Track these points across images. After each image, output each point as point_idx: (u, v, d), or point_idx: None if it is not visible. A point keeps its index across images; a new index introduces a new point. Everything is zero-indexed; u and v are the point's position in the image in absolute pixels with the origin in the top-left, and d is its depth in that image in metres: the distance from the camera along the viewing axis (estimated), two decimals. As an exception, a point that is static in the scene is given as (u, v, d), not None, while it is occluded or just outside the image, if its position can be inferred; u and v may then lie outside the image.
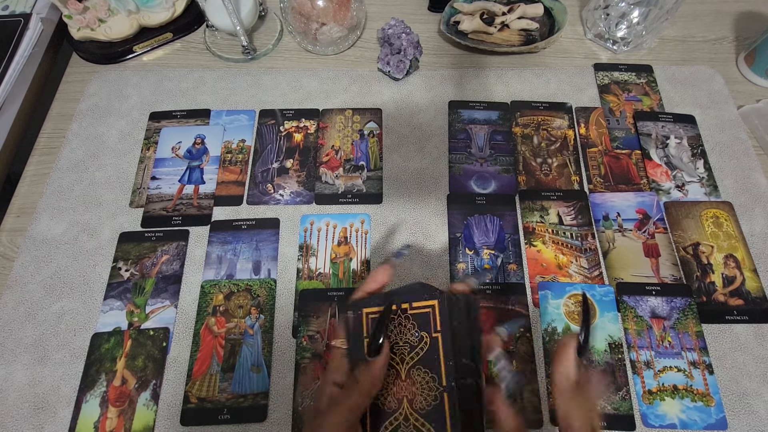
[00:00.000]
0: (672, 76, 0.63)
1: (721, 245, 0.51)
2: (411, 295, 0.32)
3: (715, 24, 0.69)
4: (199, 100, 0.61)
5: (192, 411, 0.43)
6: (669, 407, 0.43)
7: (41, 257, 0.51)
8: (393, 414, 0.30)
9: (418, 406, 0.30)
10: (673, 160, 0.57)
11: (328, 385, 0.31)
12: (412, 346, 0.31)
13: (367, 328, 0.32)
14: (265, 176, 0.56)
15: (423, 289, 0.32)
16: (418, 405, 0.30)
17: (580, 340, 0.31)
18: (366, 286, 0.35)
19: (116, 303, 0.48)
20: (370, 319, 0.32)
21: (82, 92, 0.62)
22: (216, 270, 0.50)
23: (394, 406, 0.31)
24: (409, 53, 0.61)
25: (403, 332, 0.32)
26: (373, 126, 0.59)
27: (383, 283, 0.35)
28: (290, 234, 0.52)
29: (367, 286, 0.35)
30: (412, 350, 0.31)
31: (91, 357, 0.46)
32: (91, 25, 0.62)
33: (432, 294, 0.32)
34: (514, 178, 0.56)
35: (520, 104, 0.61)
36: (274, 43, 0.66)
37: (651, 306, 0.48)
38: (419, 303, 0.32)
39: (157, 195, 0.54)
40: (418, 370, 0.31)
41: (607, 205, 0.54)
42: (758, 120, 0.59)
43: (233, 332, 0.47)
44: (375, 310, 0.32)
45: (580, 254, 0.51)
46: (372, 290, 0.34)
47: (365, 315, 0.32)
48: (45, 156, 0.58)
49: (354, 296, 0.34)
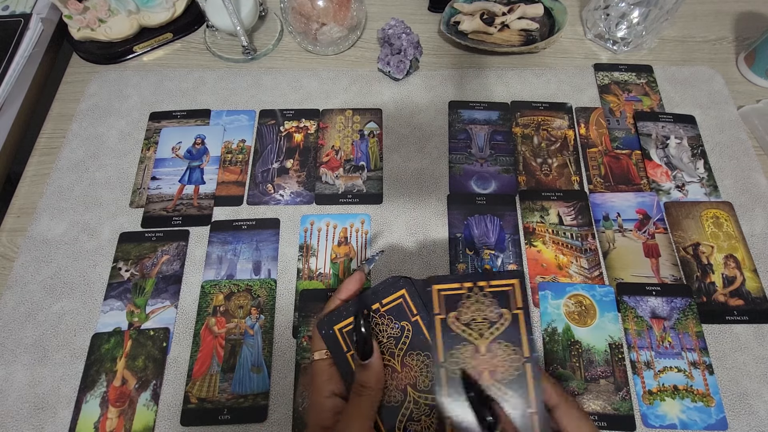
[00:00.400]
0: (672, 77, 0.63)
1: (721, 245, 0.51)
2: (377, 294, 0.33)
3: (715, 24, 0.69)
4: (200, 101, 0.61)
5: (192, 411, 0.43)
6: (669, 407, 0.43)
7: (41, 257, 0.51)
8: (402, 405, 0.32)
9: (422, 386, 0.32)
10: (673, 160, 0.57)
11: (326, 398, 0.31)
12: (397, 338, 0.32)
13: (345, 343, 0.33)
14: (265, 176, 0.56)
15: (386, 283, 0.34)
16: (422, 385, 0.32)
17: None
18: (339, 293, 0.35)
19: (116, 303, 0.48)
20: (344, 333, 0.33)
21: (82, 92, 0.62)
22: (216, 270, 0.50)
23: (400, 398, 0.32)
24: (409, 53, 0.61)
25: (384, 330, 0.33)
26: (373, 126, 0.59)
27: (356, 290, 0.35)
28: (290, 234, 0.52)
29: (340, 293, 0.35)
30: (398, 342, 0.32)
31: (91, 357, 0.46)
32: (91, 25, 0.62)
33: (396, 285, 0.33)
34: (514, 178, 0.56)
35: (520, 104, 0.61)
36: (274, 44, 0.66)
37: (651, 306, 0.48)
38: (389, 298, 0.33)
39: (158, 195, 0.54)
40: (411, 356, 0.32)
41: (607, 206, 0.54)
42: (758, 120, 0.59)
43: (233, 332, 0.47)
44: (345, 323, 0.33)
45: (580, 254, 0.51)
46: (345, 298, 0.35)
47: (337, 331, 0.33)
48: (45, 156, 0.58)
49: (325, 310, 0.35)
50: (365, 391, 0.30)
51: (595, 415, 0.43)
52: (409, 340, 0.32)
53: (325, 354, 0.33)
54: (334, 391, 0.32)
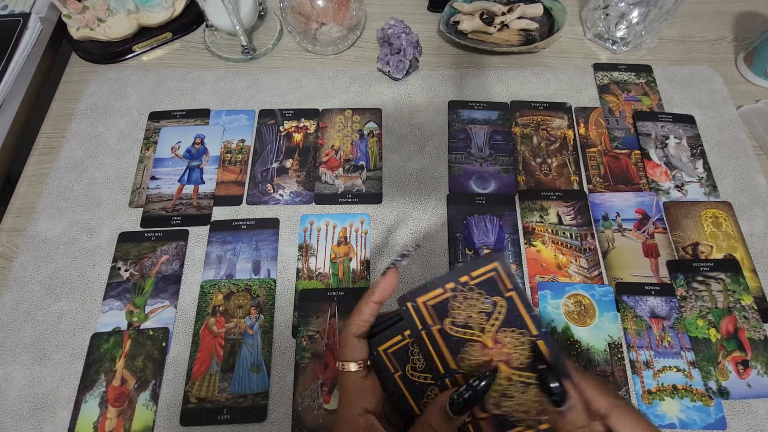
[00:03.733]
0: (671, 76, 0.63)
1: (720, 245, 0.51)
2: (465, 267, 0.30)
3: (714, 24, 0.69)
4: (199, 100, 0.61)
5: (191, 411, 0.43)
6: (668, 407, 0.43)
7: (40, 257, 0.51)
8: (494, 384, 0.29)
9: (516, 363, 0.30)
10: (672, 160, 0.57)
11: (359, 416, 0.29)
12: (489, 313, 0.30)
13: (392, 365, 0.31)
14: (264, 176, 0.56)
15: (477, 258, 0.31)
16: (516, 362, 0.30)
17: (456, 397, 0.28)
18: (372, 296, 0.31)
19: (116, 303, 0.48)
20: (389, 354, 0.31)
21: (81, 92, 0.62)
22: (216, 270, 0.50)
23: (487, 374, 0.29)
24: (408, 53, 0.61)
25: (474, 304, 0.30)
26: (372, 126, 0.59)
27: (391, 291, 0.32)
28: (290, 234, 0.52)
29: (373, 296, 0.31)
30: (489, 317, 0.30)
31: (91, 357, 0.45)
32: (90, 24, 0.62)
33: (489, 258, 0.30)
34: (513, 178, 0.56)
35: (520, 104, 0.61)
36: (274, 43, 0.66)
37: (650, 306, 0.48)
38: (479, 270, 0.30)
39: (157, 195, 0.54)
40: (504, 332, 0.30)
41: (606, 205, 0.54)
42: (757, 120, 0.59)
43: (233, 332, 0.47)
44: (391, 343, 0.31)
45: (579, 254, 0.51)
46: (378, 300, 0.31)
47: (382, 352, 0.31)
48: (44, 156, 0.58)
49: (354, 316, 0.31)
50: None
51: (594, 415, 0.43)
52: (502, 315, 0.30)
53: (358, 366, 0.30)
54: (367, 408, 0.29)
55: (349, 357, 0.30)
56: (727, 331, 0.46)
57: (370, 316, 0.31)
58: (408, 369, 0.31)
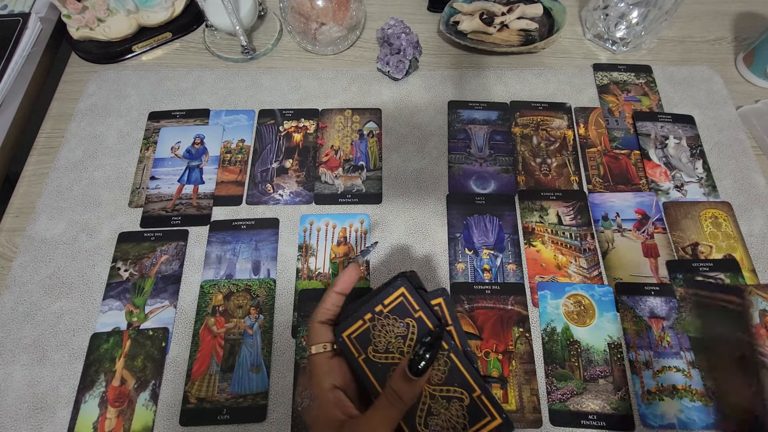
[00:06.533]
0: (671, 77, 0.63)
1: (720, 245, 0.51)
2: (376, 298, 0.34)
3: (714, 24, 0.70)
4: (199, 100, 0.61)
5: (191, 411, 0.43)
6: (668, 407, 0.43)
7: (40, 257, 0.50)
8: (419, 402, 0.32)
9: (436, 380, 0.32)
10: (672, 160, 0.57)
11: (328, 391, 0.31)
12: (404, 336, 0.33)
13: (355, 349, 0.33)
14: (264, 176, 0.56)
15: (385, 286, 0.34)
16: (436, 379, 0.32)
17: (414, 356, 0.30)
18: (335, 287, 0.35)
19: (115, 303, 0.48)
20: (352, 338, 0.33)
21: (81, 92, 0.62)
22: (215, 270, 0.50)
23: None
24: (408, 53, 0.61)
25: (391, 330, 0.33)
26: (372, 126, 0.59)
27: (351, 282, 0.36)
28: (290, 234, 0.52)
29: (335, 287, 0.35)
30: (405, 340, 0.33)
31: (90, 357, 0.45)
32: (90, 24, 0.62)
33: (395, 284, 0.34)
34: (513, 178, 0.56)
35: (520, 104, 0.61)
36: (274, 43, 0.66)
37: (650, 306, 0.48)
38: (389, 298, 0.33)
39: (157, 195, 0.54)
40: None
41: (606, 206, 0.54)
42: (757, 120, 0.59)
43: (233, 332, 0.47)
44: (352, 329, 0.33)
45: (579, 254, 0.51)
46: (340, 291, 0.35)
47: (346, 338, 0.33)
48: (44, 156, 0.58)
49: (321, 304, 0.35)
50: (399, 403, 0.29)
51: (594, 415, 0.43)
52: (415, 336, 0.33)
53: (322, 348, 0.33)
54: (334, 383, 0.32)
55: (315, 341, 0.33)
56: (726, 331, 0.46)
57: (333, 305, 0.35)
58: (370, 351, 0.33)
